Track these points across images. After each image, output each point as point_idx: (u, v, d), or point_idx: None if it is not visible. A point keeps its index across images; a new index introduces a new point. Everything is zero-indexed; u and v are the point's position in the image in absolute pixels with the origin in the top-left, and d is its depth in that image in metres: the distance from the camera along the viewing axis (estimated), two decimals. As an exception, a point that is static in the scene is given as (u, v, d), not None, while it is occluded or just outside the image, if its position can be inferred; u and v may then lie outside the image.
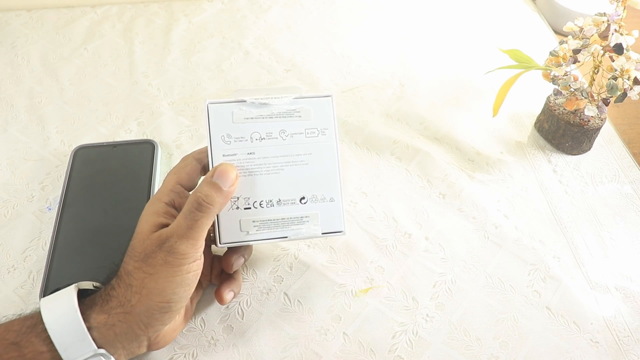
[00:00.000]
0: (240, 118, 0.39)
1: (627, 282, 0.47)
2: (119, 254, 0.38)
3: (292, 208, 0.40)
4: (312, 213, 0.40)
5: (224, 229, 0.39)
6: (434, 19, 0.77)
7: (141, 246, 0.36)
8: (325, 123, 0.41)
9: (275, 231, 0.40)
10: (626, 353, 0.43)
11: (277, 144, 0.40)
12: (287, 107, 0.40)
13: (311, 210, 0.40)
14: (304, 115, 0.40)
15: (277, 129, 0.40)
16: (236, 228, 0.39)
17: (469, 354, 0.42)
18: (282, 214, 0.40)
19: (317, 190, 0.40)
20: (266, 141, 0.39)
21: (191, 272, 0.36)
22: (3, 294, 0.45)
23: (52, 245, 0.46)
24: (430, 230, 0.51)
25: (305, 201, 0.40)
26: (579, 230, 0.51)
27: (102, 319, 0.35)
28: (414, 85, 0.66)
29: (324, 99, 0.41)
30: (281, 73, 0.68)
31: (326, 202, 0.40)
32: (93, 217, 0.49)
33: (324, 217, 0.40)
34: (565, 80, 0.53)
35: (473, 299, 0.46)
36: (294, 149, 0.40)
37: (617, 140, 0.60)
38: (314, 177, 0.40)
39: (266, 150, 0.39)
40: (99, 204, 0.50)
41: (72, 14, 0.76)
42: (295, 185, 0.40)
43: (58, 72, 0.67)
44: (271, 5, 0.79)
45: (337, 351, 0.42)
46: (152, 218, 0.37)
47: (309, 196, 0.40)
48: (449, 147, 0.59)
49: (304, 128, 0.40)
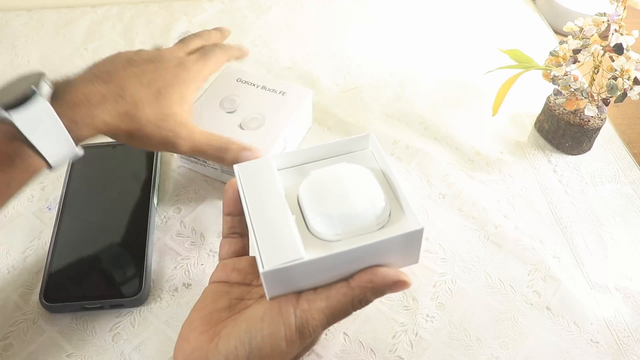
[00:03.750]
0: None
1: (627, 282, 0.47)
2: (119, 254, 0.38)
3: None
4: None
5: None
6: (434, 19, 0.77)
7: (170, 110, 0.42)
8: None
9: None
10: (626, 353, 0.43)
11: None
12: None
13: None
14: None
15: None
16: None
17: (469, 354, 0.42)
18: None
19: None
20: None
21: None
22: (3, 294, 0.45)
23: (52, 245, 0.46)
24: (430, 230, 0.51)
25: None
26: (579, 230, 0.51)
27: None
28: (414, 85, 0.66)
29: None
30: (281, 72, 0.68)
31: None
32: (93, 217, 0.49)
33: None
34: (565, 80, 0.53)
35: (473, 299, 0.46)
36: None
37: (617, 140, 0.60)
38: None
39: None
40: (98, 204, 0.50)
41: (72, 14, 0.76)
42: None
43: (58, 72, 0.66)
44: (271, 5, 0.79)
45: (337, 351, 0.42)
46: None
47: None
48: (449, 147, 0.59)
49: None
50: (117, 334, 0.43)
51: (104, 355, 0.42)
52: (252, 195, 0.35)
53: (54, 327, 0.43)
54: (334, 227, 0.33)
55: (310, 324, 0.31)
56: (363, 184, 0.35)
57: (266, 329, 0.31)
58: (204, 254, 0.48)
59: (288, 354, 0.32)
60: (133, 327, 0.43)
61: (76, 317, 0.44)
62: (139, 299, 0.44)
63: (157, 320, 0.44)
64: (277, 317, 0.31)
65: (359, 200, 0.34)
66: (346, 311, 0.32)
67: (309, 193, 0.35)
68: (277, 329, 0.31)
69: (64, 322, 0.44)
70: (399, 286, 0.32)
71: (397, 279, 0.32)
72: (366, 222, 0.33)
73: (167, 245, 0.49)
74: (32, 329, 0.43)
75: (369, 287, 0.32)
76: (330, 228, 0.33)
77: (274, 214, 0.34)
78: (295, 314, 0.31)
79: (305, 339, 0.31)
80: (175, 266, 0.47)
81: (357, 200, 0.34)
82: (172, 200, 0.53)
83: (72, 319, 0.44)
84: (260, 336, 0.31)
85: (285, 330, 0.31)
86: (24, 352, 0.42)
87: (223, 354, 0.31)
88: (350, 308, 0.32)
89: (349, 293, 0.32)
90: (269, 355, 0.31)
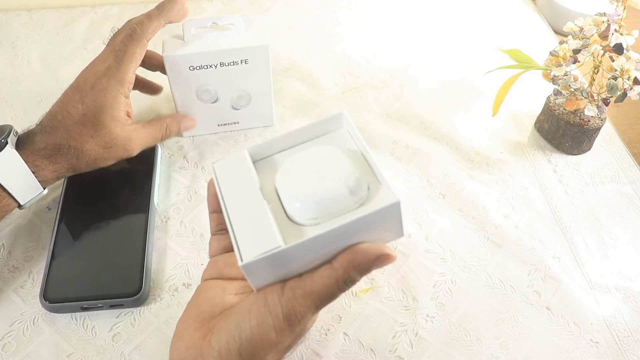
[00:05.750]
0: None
1: (627, 282, 0.47)
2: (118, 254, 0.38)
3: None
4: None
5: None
6: (434, 19, 0.77)
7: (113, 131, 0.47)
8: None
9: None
10: (626, 353, 0.43)
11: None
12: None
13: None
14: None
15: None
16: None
17: (469, 354, 0.42)
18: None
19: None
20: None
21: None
22: (3, 294, 0.45)
23: (52, 245, 0.46)
24: (431, 230, 0.51)
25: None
26: (579, 230, 0.51)
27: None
28: (414, 85, 0.66)
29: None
30: (281, 72, 0.68)
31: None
32: (93, 217, 0.49)
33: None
34: (565, 80, 0.53)
35: (473, 299, 0.46)
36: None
37: (617, 140, 0.60)
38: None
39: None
40: (98, 204, 0.50)
41: (72, 14, 0.76)
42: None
43: (58, 72, 0.67)
44: (271, 5, 0.79)
45: (338, 351, 0.42)
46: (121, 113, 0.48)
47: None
48: (448, 147, 0.59)
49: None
50: (117, 334, 0.43)
51: (104, 355, 0.42)
52: (228, 191, 0.35)
53: (53, 327, 0.43)
54: (311, 211, 0.33)
55: (297, 310, 0.31)
56: (338, 165, 0.34)
57: (254, 320, 0.31)
58: (204, 254, 0.48)
59: (279, 343, 0.32)
60: (133, 327, 0.43)
61: (76, 317, 0.44)
62: (139, 299, 0.44)
63: (157, 320, 0.44)
64: (263, 308, 0.31)
65: (335, 181, 0.33)
66: (332, 294, 0.32)
67: (285, 180, 0.35)
68: (264, 320, 0.31)
69: (64, 322, 0.44)
70: (382, 260, 0.32)
71: (380, 253, 0.32)
72: (343, 202, 0.33)
73: (167, 245, 0.49)
74: (32, 329, 0.43)
75: (352, 265, 0.31)
76: (307, 213, 0.33)
77: (249, 206, 0.34)
78: (282, 303, 0.31)
79: (294, 326, 0.31)
80: (175, 266, 0.47)
81: (333, 182, 0.33)
82: (172, 200, 0.53)
83: (72, 318, 0.44)
84: (248, 328, 0.31)
85: (273, 320, 0.31)
86: (24, 352, 0.42)
87: (216, 349, 0.31)
88: (336, 290, 0.32)
89: (333, 275, 0.32)
90: (259, 346, 0.31)
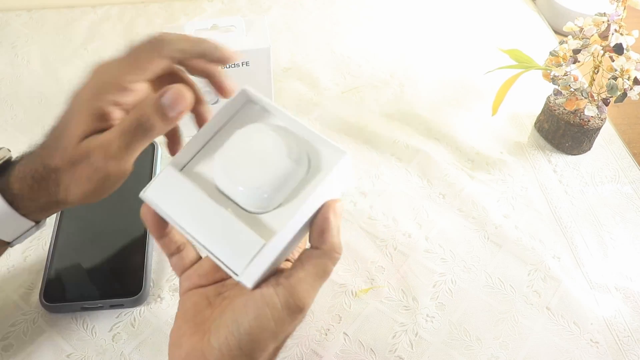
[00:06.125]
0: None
1: (627, 282, 0.47)
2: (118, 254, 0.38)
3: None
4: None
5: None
6: (434, 19, 0.77)
7: (69, 151, 0.34)
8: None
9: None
10: (626, 353, 0.43)
11: None
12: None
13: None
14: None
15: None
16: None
17: (469, 354, 0.42)
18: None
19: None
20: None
21: (118, 181, 0.36)
22: (3, 294, 0.45)
23: (52, 245, 0.46)
24: (431, 230, 0.51)
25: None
26: (579, 230, 0.51)
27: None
28: (414, 85, 0.66)
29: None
30: (281, 72, 0.68)
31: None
32: (93, 217, 0.49)
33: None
34: (565, 80, 0.53)
35: (473, 299, 0.46)
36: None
37: (617, 140, 0.60)
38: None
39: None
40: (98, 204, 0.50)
41: (72, 14, 0.76)
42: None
43: (58, 72, 0.67)
44: (271, 5, 0.79)
45: (338, 351, 0.42)
46: (87, 121, 0.33)
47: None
48: (449, 147, 0.59)
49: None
50: (117, 334, 0.43)
51: (104, 355, 0.42)
52: (176, 213, 0.33)
53: (53, 327, 0.43)
54: (270, 197, 0.32)
55: (295, 296, 0.32)
56: (269, 141, 0.33)
57: (251, 314, 0.31)
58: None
59: (281, 332, 0.32)
60: (133, 327, 0.43)
61: (76, 317, 0.44)
62: (139, 299, 0.44)
63: (157, 320, 0.44)
64: (259, 301, 0.31)
65: (276, 158, 0.32)
66: (326, 271, 0.33)
67: (227, 178, 0.33)
68: (262, 312, 0.31)
69: (63, 322, 0.43)
70: (336, 210, 0.33)
71: (339, 211, 0.33)
72: (294, 175, 0.32)
73: (167, 245, 0.49)
74: (32, 329, 0.43)
75: (329, 236, 0.32)
76: (266, 201, 0.32)
77: (207, 218, 0.32)
78: (277, 293, 0.32)
79: (295, 313, 0.32)
80: (175, 266, 0.47)
81: (274, 160, 0.32)
82: (172, 200, 0.53)
83: (72, 319, 0.44)
84: (246, 321, 0.31)
85: (271, 311, 0.31)
86: (24, 352, 0.42)
87: (216, 347, 0.31)
88: (330, 265, 0.33)
89: (319, 255, 0.33)
90: (259, 338, 0.31)
